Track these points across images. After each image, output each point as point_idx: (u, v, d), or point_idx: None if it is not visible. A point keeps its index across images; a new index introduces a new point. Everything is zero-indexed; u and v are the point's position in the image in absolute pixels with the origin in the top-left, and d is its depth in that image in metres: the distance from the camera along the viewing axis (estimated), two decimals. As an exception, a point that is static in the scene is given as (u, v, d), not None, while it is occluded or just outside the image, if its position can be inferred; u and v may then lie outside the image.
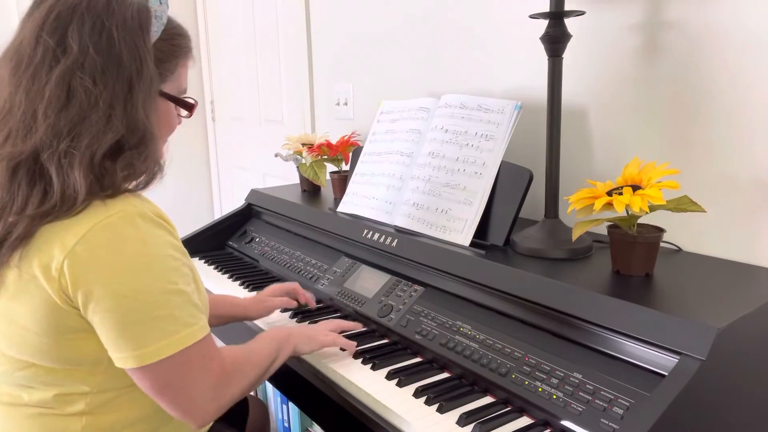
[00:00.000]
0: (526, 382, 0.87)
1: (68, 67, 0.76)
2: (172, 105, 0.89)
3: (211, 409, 0.84)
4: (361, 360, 1.04)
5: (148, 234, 0.78)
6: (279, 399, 1.83)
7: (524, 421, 0.85)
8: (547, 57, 1.08)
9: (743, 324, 0.80)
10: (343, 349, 1.07)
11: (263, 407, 1.38)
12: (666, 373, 0.75)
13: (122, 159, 0.79)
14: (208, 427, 1.01)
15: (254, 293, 1.34)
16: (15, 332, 0.80)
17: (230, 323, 1.23)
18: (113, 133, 0.77)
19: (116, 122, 0.77)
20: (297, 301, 1.28)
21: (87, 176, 0.75)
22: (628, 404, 0.76)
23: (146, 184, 0.84)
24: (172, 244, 0.82)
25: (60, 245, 0.75)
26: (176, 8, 3.11)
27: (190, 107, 0.92)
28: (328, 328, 1.08)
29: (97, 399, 0.84)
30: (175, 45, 0.87)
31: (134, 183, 0.82)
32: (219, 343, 1.00)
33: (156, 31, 0.83)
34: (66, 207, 0.76)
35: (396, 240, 1.24)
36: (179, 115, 0.93)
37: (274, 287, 1.28)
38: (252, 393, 1.72)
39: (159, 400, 0.82)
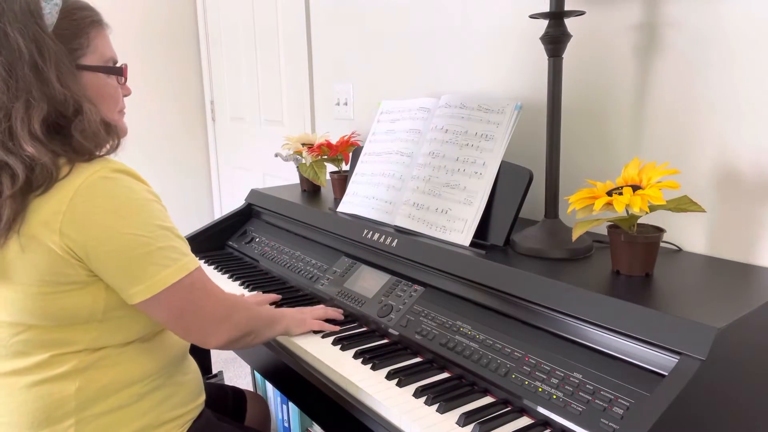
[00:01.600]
0: (526, 382, 0.87)
1: None
2: (102, 76, 0.94)
3: (224, 328, 0.95)
4: (361, 360, 1.04)
5: (133, 183, 0.88)
6: (279, 399, 1.83)
7: (524, 421, 0.85)
8: (547, 57, 1.08)
9: (743, 324, 0.80)
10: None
11: (263, 403, 1.39)
12: (666, 373, 0.75)
13: (74, 126, 0.85)
14: (198, 410, 1.02)
15: (254, 293, 1.37)
16: (14, 292, 0.85)
17: None
18: (38, 111, 0.83)
19: (35, 103, 0.83)
20: None
21: (38, 147, 0.82)
22: (628, 404, 0.76)
23: (116, 148, 0.92)
24: (152, 192, 0.91)
25: (57, 202, 0.82)
26: (176, 8, 3.10)
27: (119, 72, 0.97)
28: (314, 315, 1.17)
29: (90, 357, 0.89)
30: (76, 19, 0.90)
31: (104, 150, 0.90)
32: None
33: (50, 12, 0.87)
34: (45, 177, 0.82)
35: (396, 240, 1.24)
36: (119, 84, 0.97)
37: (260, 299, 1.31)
38: (250, 389, 1.73)
39: (177, 328, 0.92)
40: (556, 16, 1.05)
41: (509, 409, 0.87)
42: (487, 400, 0.91)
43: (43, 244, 0.82)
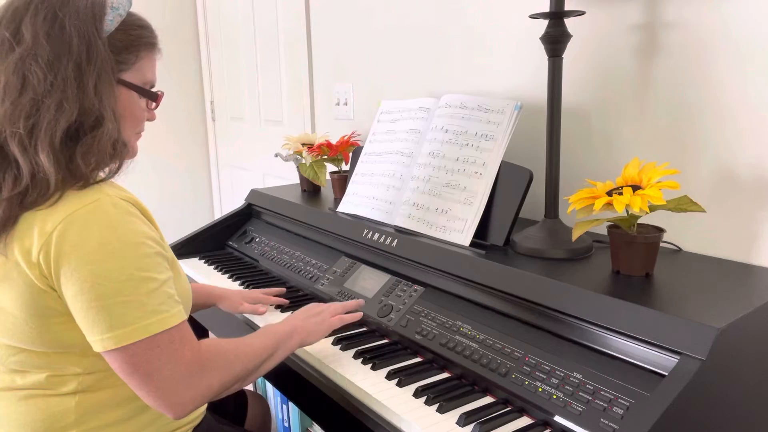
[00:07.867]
0: (526, 382, 0.87)
1: (21, 55, 0.80)
2: (135, 95, 0.91)
3: (186, 397, 0.82)
4: (361, 360, 1.04)
5: (119, 221, 0.80)
6: (279, 399, 1.83)
7: (524, 421, 0.85)
8: (547, 57, 1.08)
9: (743, 324, 0.80)
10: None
11: (263, 402, 1.38)
12: (666, 373, 0.75)
13: (81, 145, 0.82)
14: (199, 419, 1.02)
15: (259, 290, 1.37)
16: (5, 319, 0.83)
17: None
18: (66, 116, 0.80)
19: (67, 106, 0.80)
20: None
21: (50, 159, 0.79)
22: (628, 404, 0.76)
23: (117, 171, 0.87)
24: (144, 232, 0.83)
25: (39, 233, 0.79)
26: (176, 8, 3.10)
27: (153, 97, 0.95)
28: (332, 311, 1.10)
29: (89, 379, 0.87)
30: (134, 35, 0.89)
31: (106, 171, 0.86)
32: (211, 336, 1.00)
33: (111, 20, 0.86)
34: (41, 192, 0.79)
35: (396, 240, 1.24)
36: (148, 108, 0.95)
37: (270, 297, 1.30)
38: (251, 389, 1.73)
39: (130, 385, 0.82)
40: (556, 16, 1.05)
41: (509, 409, 0.87)
42: (487, 400, 0.91)
43: (24, 273, 0.80)
